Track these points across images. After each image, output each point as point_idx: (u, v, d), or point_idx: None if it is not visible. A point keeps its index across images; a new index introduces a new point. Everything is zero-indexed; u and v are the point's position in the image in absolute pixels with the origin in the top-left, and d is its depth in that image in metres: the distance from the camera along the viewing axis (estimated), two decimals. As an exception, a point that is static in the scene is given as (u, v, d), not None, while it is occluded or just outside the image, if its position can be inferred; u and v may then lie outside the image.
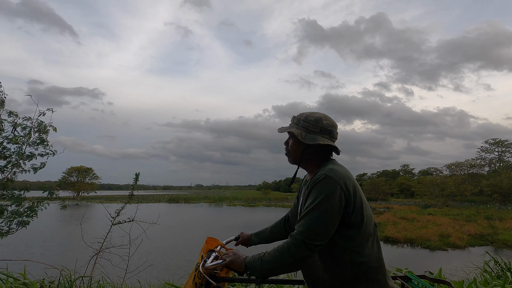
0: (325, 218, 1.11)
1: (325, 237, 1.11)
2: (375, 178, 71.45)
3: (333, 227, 1.13)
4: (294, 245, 1.10)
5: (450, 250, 13.68)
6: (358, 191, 1.19)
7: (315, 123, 1.29)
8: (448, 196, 40.31)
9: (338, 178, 1.14)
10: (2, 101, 3.25)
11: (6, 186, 3.48)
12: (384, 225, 19.80)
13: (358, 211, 1.16)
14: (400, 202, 52.71)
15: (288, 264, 1.12)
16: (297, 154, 1.34)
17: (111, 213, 3.52)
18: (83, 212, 27.64)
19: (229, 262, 1.23)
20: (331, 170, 1.17)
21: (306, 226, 1.11)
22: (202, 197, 61.16)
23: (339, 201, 1.12)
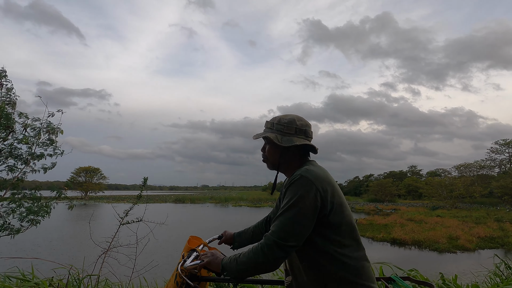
0: (299, 219, 1.09)
1: (299, 238, 1.10)
2: (382, 179, 70.72)
3: (308, 228, 1.11)
4: (267, 246, 1.10)
5: (459, 252, 13.45)
6: (336, 192, 1.18)
7: (289, 125, 1.28)
8: (457, 197, 39.67)
9: (313, 178, 1.13)
10: (14, 103, 3.32)
11: (17, 185, 3.55)
12: (391, 227, 19.57)
13: (337, 212, 1.14)
14: (408, 203, 52.06)
15: (262, 264, 1.11)
16: (275, 159, 1.32)
17: (119, 213, 3.56)
18: (91, 212, 28.00)
19: (206, 263, 1.24)
20: (306, 170, 1.16)
21: (279, 227, 1.10)
22: (208, 198, 61.37)
23: (314, 202, 1.10)
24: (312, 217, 1.11)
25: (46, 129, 3.48)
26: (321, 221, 1.13)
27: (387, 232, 17.48)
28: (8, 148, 3.17)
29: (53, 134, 3.53)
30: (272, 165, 1.35)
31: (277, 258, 1.09)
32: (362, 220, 23.66)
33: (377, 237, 16.56)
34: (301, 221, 1.09)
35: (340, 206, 1.16)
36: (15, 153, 3.23)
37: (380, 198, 57.34)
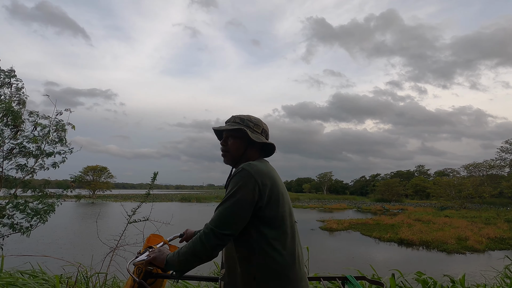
0: (235, 209, 1.13)
1: (234, 227, 1.13)
2: (388, 179, 70.06)
3: (244, 218, 1.14)
4: (204, 234, 1.14)
5: (468, 253, 13.23)
6: (276, 187, 1.21)
7: (257, 124, 1.38)
8: (466, 197, 39.08)
9: (254, 171, 1.17)
10: (24, 102, 3.37)
11: (27, 183, 3.61)
12: (398, 227, 19.37)
13: (273, 207, 1.18)
14: (415, 203, 51.49)
15: (200, 253, 1.14)
16: (239, 153, 1.35)
17: (126, 211, 3.59)
18: (99, 210, 28.36)
19: (152, 258, 1.27)
20: (249, 164, 1.20)
21: (217, 216, 1.15)
22: (213, 197, 61.60)
23: (252, 194, 1.14)
24: (249, 208, 1.14)
25: (55, 127, 3.53)
26: (257, 214, 1.17)
27: (394, 232, 17.30)
28: (18, 147, 3.22)
29: (62, 131, 3.57)
30: (233, 159, 1.36)
31: (214, 246, 1.13)
32: (369, 220, 23.47)
33: (384, 237, 16.40)
34: (237, 211, 1.13)
35: (277, 202, 1.19)
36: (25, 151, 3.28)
37: (387, 198, 56.82)
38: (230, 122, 1.39)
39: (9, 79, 3.15)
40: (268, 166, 1.28)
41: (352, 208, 41.08)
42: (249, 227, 1.17)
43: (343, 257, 11.88)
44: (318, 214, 31.16)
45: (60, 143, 3.61)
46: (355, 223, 22.16)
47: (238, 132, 1.34)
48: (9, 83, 3.19)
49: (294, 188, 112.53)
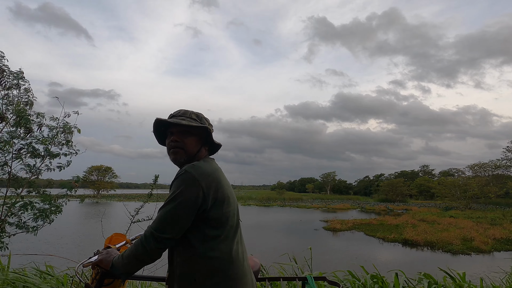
0: (176, 212, 1.12)
1: (174, 230, 1.12)
2: (392, 179, 69.64)
3: (185, 222, 1.13)
4: (145, 237, 1.13)
5: (474, 254, 13.10)
6: (221, 188, 1.19)
7: (210, 124, 1.37)
8: (471, 198, 38.70)
9: (197, 173, 1.15)
10: (31, 103, 3.41)
11: (33, 184, 3.65)
12: (402, 228, 19.25)
13: (218, 208, 1.17)
14: (419, 203, 51.12)
15: (141, 256, 1.14)
16: (194, 152, 1.30)
17: (130, 211, 3.61)
18: (104, 210, 28.57)
19: (98, 261, 1.26)
20: (193, 165, 1.18)
21: (157, 219, 1.14)
22: (217, 197, 61.56)
23: (195, 196, 1.12)
24: (190, 211, 1.13)
25: (63, 129, 3.57)
26: (201, 216, 1.15)
27: (398, 233, 17.20)
28: (27, 147, 3.27)
29: (69, 133, 3.61)
30: (187, 157, 1.30)
31: (153, 249, 1.12)
32: (373, 221, 23.35)
33: (388, 237, 16.31)
34: (178, 215, 1.12)
35: (222, 203, 1.18)
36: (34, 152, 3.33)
37: (391, 198, 56.47)
38: (185, 117, 1.32)
39: (18, 80, 3.19)
40: (214, 166, 1.26)
41: (356, 208, 40.90)
42: (192, 229, 1.16)
43: (346, 258, 11.83)
44: (321, 214, 31.08)
45: (67, 145, 3.66)
46: (359, 223, 22.07)
47: (198, 130, 1.30)
48: (18, 85, 3.23)
49: (297, 188, 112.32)
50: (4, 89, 3.10)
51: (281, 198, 62.67)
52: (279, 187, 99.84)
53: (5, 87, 3.10)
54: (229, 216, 1.21)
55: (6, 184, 3.58)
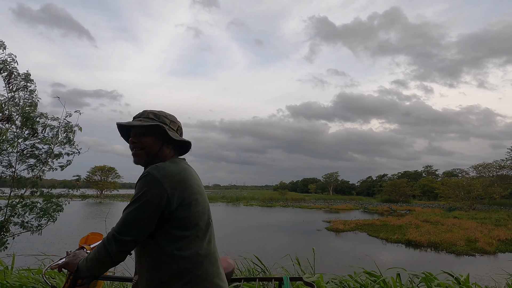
0: (138, 214, 1.10)
1: (136, 233, 1.10)
2: (395, 179, 69.28)
3: (148, 224, 1.11)
4: (107, 240, 1.12)
5: (478, 255, 12.99)
6: (188, 189, 1.17)
7: (173, 122, 1.32)
8: (475, 198, 38.39)
9: (161, 174, 1.13)
10: (36, 104, 3.43)
11: (36, 183, 3.67)
12: (406, 228, 19.14)
13: (185, 209, 1.15)
14: (423, 204, 50.80)
15: (104, 259, 1.12)
16: (154, 151, 1.27)
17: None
18: (108, 209, 28.70)
19: (64, 264, 1.26)
20: (156, 166, 1.16)
21: (120, 222, 1.13)
22: (219, 197, 61.78)
23: (158, 199, 1.10)
24: (154, 214, 1.11)
25: (64, 128, 3.59)
26: (166, 218, 1.13)
27: (401, 234, 17.10)
28: (30, 148, 3.29)
29: (70, 132, 3.63)
30: (148, 157, 1.27)
31: (116, 253, 1.11)
32: (376, 221, 23.24)
33: (391, 238, 16.22)
34: (140, 217, 1.10)
35: (189, 203, 1.16)
36: (36, 152, 3.35)
37: (394, 198, 56.18)
38: (142, 117, 1.29)
39: (26, 82, 3.22)
40: (181, 166, 1.23)
41: (359, 209, 40.74)
42: (159, 231, 1.14)
43: (349, 258, 11.79)
44: (324, 215, 31.00)
45: (68, 144, 3.68)
46: (361, 223, 21.97)
47: (154, 129, 1.26)
48: (25, 87, 3.26)
49: (300, 189, 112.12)
50: (12, 91, 3.13)
51: (283, 198, 62.59)
52: (281, 188, 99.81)
53: (13, 90, 3.13)
54: (198, 216, 1.19)
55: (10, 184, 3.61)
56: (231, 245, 13.99)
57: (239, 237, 16.50)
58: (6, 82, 3.11)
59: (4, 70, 3.01)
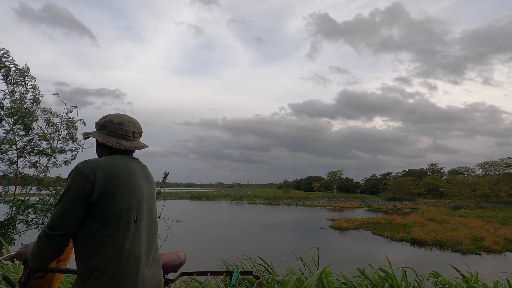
0: (64, 208, 1.14)
1: (63, 227, 1.14)
2: (400, 177, 68.82)
3: (73, 217, 1.15)
4: (39, 235, 1.17)
5: (485, 254, 12.86)
6: (113, 182, 1.20)
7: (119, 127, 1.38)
8: (481, 197, 38.01)
9: (86, 167, 1.18)
10: (39, 101, 3.44)
11: (42, 181, 3.69)
12: (410, 227, 19.01)
13: (106, 202, 1.17)
14: (428, 202, 50.42)
15: (39, 253, 1.18)
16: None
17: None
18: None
19: (15, 255, 1.31)
20: (84, 161, 1.23)
21: (50, 217, 1.17)
22: (223, 195, 61.93)
23: (82, 190, 1.15)
24: (78, 205, 1.15)
25: (66, 125, 3.59)
26: (88, 210, 1.17)
27: (406, 232, 16.99)
28: (30, 144, 3.29)
29: (72, 128, 3.63)
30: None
31: (46, 248, 1.15)
32: (380, 219, 23.12)
33: (396, 236, 16.12)
34: (65, 210, 1.14)
35: (112, 197, 1.18)
36: (37, 149, 3.35)
37: (399, 196, 55.84)
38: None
39: (24, 77, 3.21)
40: (115, 161, 1.27)
41: (363, 207, 40.57)
42: (81, 225, 1.18)
43: (353, 256, 11.74)
44: (328, 213, 30.91)
45: (71, 140, 3.68)
46: (366, 222, 21.87)
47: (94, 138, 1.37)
48: (24, 82, 3.25)
49: (303, 187, 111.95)
50: (10, 84, 3.13)
51: (287, 196, 62.54)
52: (285, 186, 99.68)
53: (11, 83, 3.13)
54: (120, 212, 1.20)
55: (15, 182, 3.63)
56: (235, 244, 14.01)
57: (243, 236, 16.52)
58: (4, 78, 3.11)
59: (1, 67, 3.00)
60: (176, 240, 12.34)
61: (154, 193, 1.45)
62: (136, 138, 1.44)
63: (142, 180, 1.34)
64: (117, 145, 1.34)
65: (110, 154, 1.37)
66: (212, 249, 12.41)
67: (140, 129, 1.47)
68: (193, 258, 10.78)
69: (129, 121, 1.42)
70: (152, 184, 1.44)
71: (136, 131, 1.43)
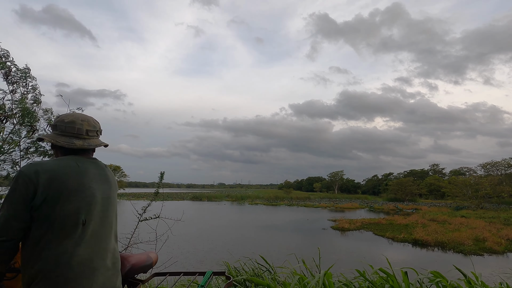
0: (6, 213, 1.11)
1: (7, 233, 1.11)
2: (402, 178, 68.64)
3: (17, 222, 1.12)
4: None
5: (487, 255, 12.80)
6: (58, 184, 1.16)
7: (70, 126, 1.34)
8: (483, 197, 37.86)
9: (29, 170, 1.15)
10: (39, 101, 3.44)
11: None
12: (412, 227, 18.95)
13: (49, 206, 1.13)
14: (429, 203, 50.26)
15: None
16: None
17: (138, 210, 3.62)
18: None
19: None
20: (29, 163, 1.20)
21: None
22: (224, 195, 61.94)
23: (25, 195, 1.12)
24: (21, 210, 1.12)
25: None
26: (32, 215, 1.14)
27: (408, 233, 16.93)
28: (33, 146, 3.30)
29: None
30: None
31: None
32: (382, 220, 23.06)
33: (397, 237, 16.07)
34: (8, 215, 1.11)
35: (57, 199, 1.15)
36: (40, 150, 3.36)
37: (400, 197, 55.70)
38: None
39: (25, 77, 3.22)
40: (62, 163, 1.23)
41: (364, 208, 40.48)
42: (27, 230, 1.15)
43: (355, 257, 11.71)
44: (329, 214, 30.86)
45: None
46: (367, 222, 21.82)
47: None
48: (25, 82, 3.27)
49: (304, 187, 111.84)
50: (10, 84, 3.14)
51: (288, 197, 62.50)
52: (286, 186, 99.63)
53: (11, 82, 3.14)
54: (67, 214, 1.16)
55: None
56: (236, 245, 14.01)
57: (244, 237, 16.51)
58: (4, 78, 3.13)
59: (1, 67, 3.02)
60: (176, 241, 12.34)
61: (113, 193, 1.40)
62: (92, 137, 1.38)
63: (96, 181, 1.29)
64: (68, 144, 1.29)
65: (64, 154, 1.32)
66: (213, 250, 12.41)
67: (96, 127, 1.41)
68: (194, 259, 10.78)
69: (82, 119, 1.36)
70: (110, 184, 1.39)
71: (90, 129, 1.37)
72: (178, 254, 10.79)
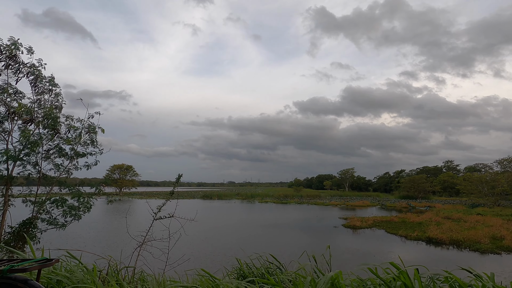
0: None
1: None
2: (414, 175, 67.37)
3: None
4: None
5: (504, 254, 12.46)
6: None
7: None
8: (500, 194, 36.76)
9: None
10: (61, 107, 3.58)
11: (62, 182, 3.84)
12: (426, 225, 18.62)
13: None
14: (443, 200, 49.18)
15: None
16: None
17: (152, 208, 3.72)
18: (126, 207, 29.54)
19: None
20: None
21: None
22: (234, 194, 62.25)
23: None
24: None
25: (87, 129, 3.72)
26: None
27: (421, 231, 16.65)
28: (55, 148, 3.44)
29: (93, 133, 3.76)
30: None
31: None
32: (394, 218, 22.73)
33: (410, 235, 15.82)
34: None
35: None
36: (62, 152, 3.50)
37: (413, 194, 54.71)
38: None
39: (51, 86, 3.37)
40: None
41: (376, 206, 39.97)
42: None
43: (366, 255, 11.61)
44: (340, 212, 30.62)
45: (92, 144, 3.82)
46: (379, 220, 21.56)
47: None
48: (50, 90, 3.40)
49: (315, 185, 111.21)
50: (38, 94, 3.28)
51: (298, 195, 62.28)
52: (296, 184, 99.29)
53: (39, 93, 3.28)
54: None
55: (37, 182, 3.80)
56: (248, 242, 14.09)
57: (255, 235, 16.58)
58: (32, 85, 3.27)
59: (31, 74, 3.15)
60: (189, 239, 12.52)
61: None
62: None
63: None
64: None
65: None
66: (226, 247, 12.52)
67: None
68: (206, 256, 10.91)
69: None
70: None
71: None
72: (192, 251, 10.95)
